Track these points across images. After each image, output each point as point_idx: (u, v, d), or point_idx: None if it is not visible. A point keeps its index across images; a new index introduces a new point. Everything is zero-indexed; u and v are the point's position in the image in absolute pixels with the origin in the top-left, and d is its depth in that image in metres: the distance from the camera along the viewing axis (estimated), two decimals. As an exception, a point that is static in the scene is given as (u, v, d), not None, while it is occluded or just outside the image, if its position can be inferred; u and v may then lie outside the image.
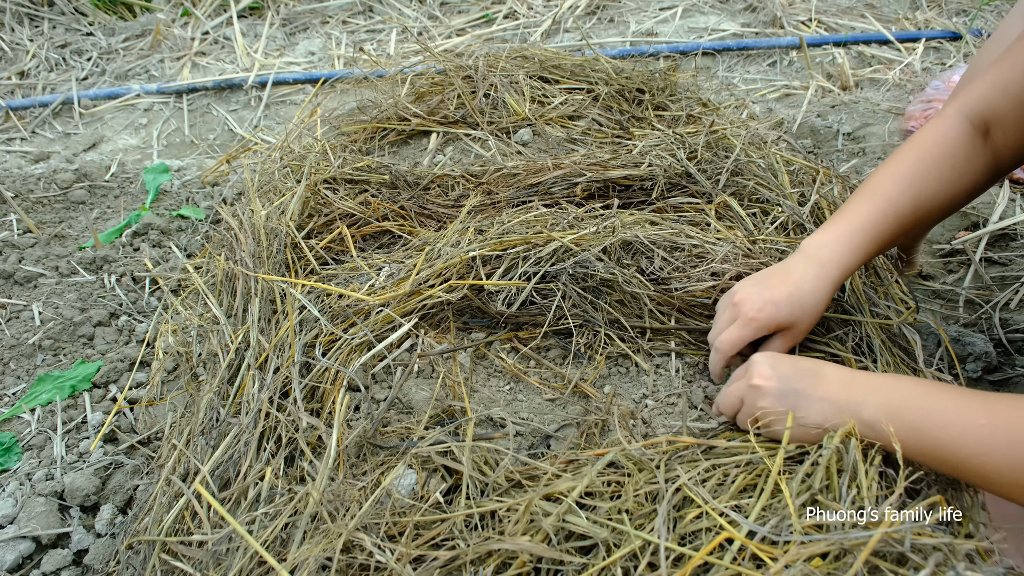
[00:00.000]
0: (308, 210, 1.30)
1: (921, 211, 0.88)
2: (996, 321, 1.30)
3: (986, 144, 0.89)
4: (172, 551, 0.81)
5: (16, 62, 2.46)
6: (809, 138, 1.87)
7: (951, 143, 0.88)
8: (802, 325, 0.87)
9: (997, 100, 0.86)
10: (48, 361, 1.31)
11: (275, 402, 0.92)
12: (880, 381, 0.75)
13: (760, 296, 0.87)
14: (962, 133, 0.88)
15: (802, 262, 0.88)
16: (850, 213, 0.89)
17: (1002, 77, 0.86)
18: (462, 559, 0.69)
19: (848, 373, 0.78)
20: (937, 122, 0.91)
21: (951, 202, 0.90)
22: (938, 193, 0.88)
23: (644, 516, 0.72)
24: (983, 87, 0.88)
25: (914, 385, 0.73)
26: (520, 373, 1.02)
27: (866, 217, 0.87)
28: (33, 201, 1.74)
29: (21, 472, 1.09)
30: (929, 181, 0.87)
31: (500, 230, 1.12)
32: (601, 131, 1.52)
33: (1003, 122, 0.87)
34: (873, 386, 0.74)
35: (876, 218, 0.87)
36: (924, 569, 0.58)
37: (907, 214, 0.87)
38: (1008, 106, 0.86)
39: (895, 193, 0.87)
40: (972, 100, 0.89)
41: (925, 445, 0.69)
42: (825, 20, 2.39)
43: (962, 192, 0.90)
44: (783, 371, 0.79)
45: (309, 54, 2.43)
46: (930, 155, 0.88)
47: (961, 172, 0.88)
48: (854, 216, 0.88)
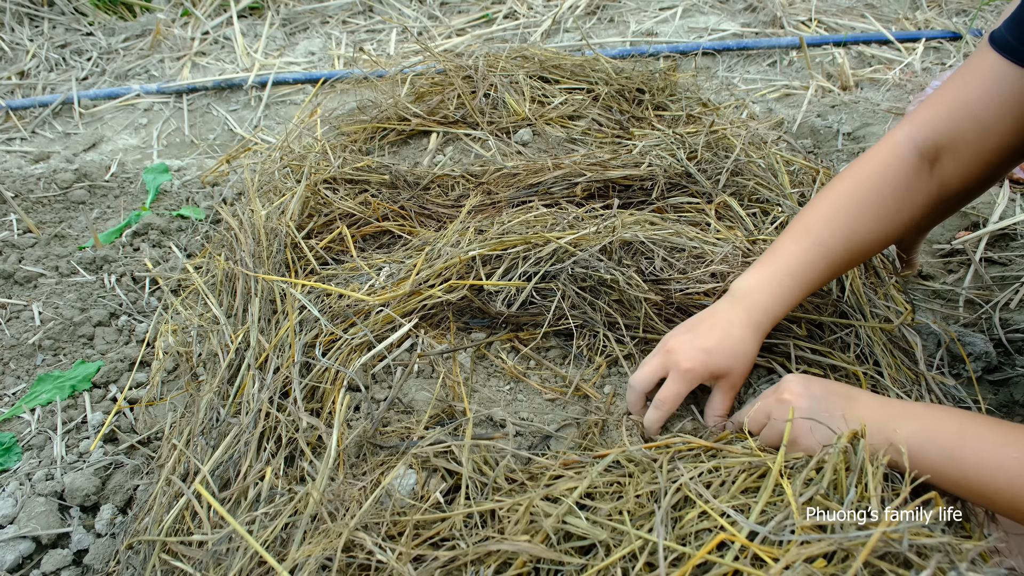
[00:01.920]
0: (308, 210, 1.30)
1: (854, 251, 0.86)
2: (996, 321, 1.30)
3: (932, 174, 0.86)
4: (172, 551, 0.81)
5: (16, 62, 2.46)
6: (809, 138, 1.87)
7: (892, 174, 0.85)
8: (736, 372, 0.85)
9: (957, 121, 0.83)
10: (48, 361, 1.31)
11: (275, 402, 0.92)
12: (913, 408, 0.74)
13: (692, 344, 0.85)
14: (906, 163, 0.85)
15: (729, 308, 0.86)
16: (779, 254, 0.86)
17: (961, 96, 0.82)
18: (462, 559, 0.69)
19: (881, 399, 0.77)
20: (882, 148, 0.87)
21: (886, 238, 0.87)
22: (873, 230, 0.85)
23: (644, 516, 0.72)
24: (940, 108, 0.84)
25: (948, 413, 0.72)
26: (520, 375, 1.02)
27: (794, 260, 0.85)
28: (33, 201, 1.74)
29: (21, 472, 1.09)
30: (863, 220, 0.84)
31: (500, 230, 1.12)
32: (601, 131, 1.52)
33: (959, 146, 0.83)
34: (907, 412, 0.73)
35: (804, 261, 0.84)
36: (925, 570, 0.58)
37: (838, 256, 0.85)
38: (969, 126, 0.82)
39: (827, 236, 0.84)
40: (926, 123, 0.85)
41: (957, 474, 0.68)
42: (825, 20, 2.39)
43: (898, 226, 0.86)
44: (814, 391, 0.77)
45: (309, 54, 2.43)
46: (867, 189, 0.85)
47: (899, 206, 0.85)
48: (783, 259, 0.86)
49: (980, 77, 0.81)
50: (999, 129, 0.81)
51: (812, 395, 0.77)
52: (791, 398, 0.77)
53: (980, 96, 0.81)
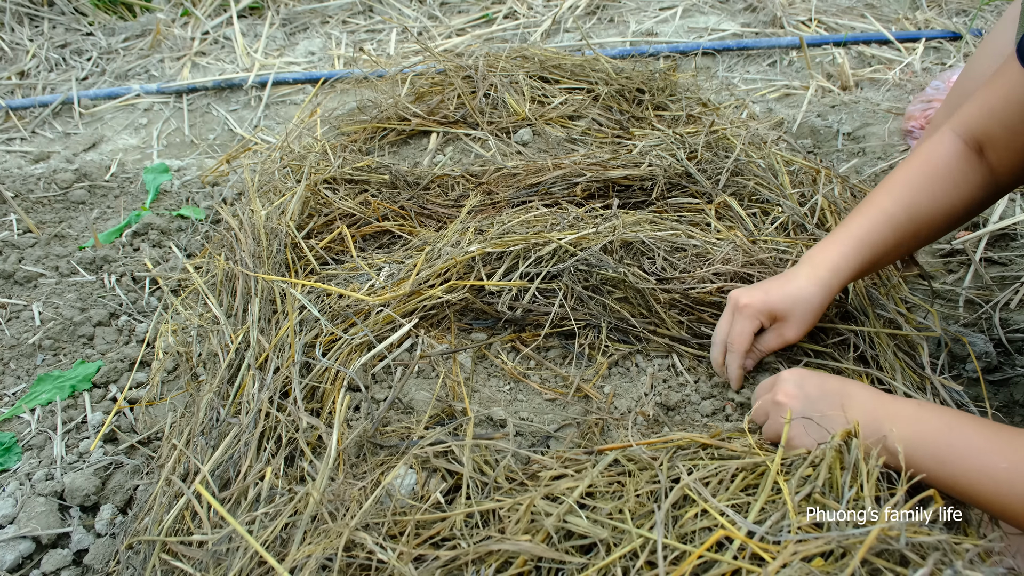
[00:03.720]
0: (308, 210, 1.30)
1: (918, 221, 0.90)
2: (996, 321, 1.31)
3: (981, 160, 0.91)
4: (172, 551, 0.81)
5: (16, 62, 2.46)
6: (809, 138, 1.87)
7: (944, 158, 0.91)
8: (795, 316, 0.89)
9: (986, 123, 0.88)
10: (48, 361, 1.31)
11: (275, 402, 0.92)
12: (906, 410, 0.75)
13: (753, 287, 0.93)
14: (955, 149, 0.91)
15: (797, 268, 0.92)
16: (844, 225, 0.92)
17: (988, 101, 0.89)
18: (463, 559, 0.69)
19: (875, 397, 0.78)
20: (931, 140, 0.93)
21: (949, 214, 0.92)
22: (933, 204, 0.90)
23: (644, 515, 0.72)
24: (973, 109, 0.91)
25: (939, 416, 0.74)
26: (520, 376, 1.02)
27: (860, 227, 0.90)
28: (33, 201, 1.74)
29: (21, 472, 1.09)
30: (922, 193, 0.90)
31: (500, 230, 1.12)
32: (601, 131, 1.52)
33: (994, 144, 0.89)
34: (899, 414, 0.75)
35: (870, 227, 0.90)
36: (923, 568, 0.58)
37: (902, 223, 0.89)
38: (997, 128, 0.87)
39: (888, 204, 0.90)
40: (963, 121, 0.91)
41: (947, 479, 0.70)
42: (825, 20, 2.39)
43: (959, 204, 0.91)
44: (809, 390, 0.80)
45: (309, 54, 2.43)
46: (923, 170, 0.91)
47: (955, 184, 0.90)
48: (848, 227, 0.91)
49: (1005, 86, 0.86)
50: None
51: (807, 396, 0.79)
52: (785, 400, 0.80)
53: (1003, 103, 0.86)
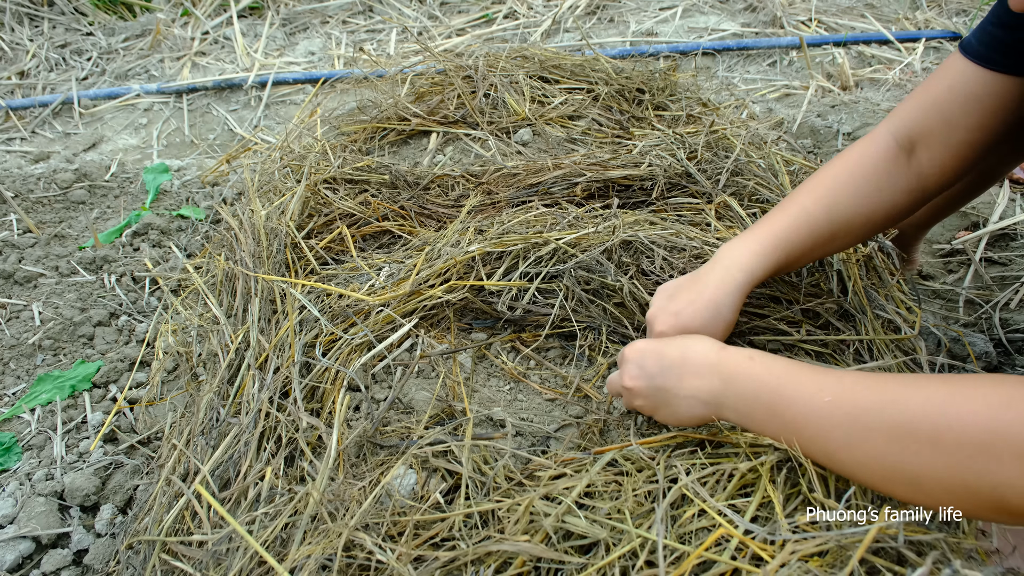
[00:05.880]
0: (308, 210, 1.30)
1: (836, 223, 0.89)
2: (996, 321, 1.31)
3: (910, 163, 0.91)
4: (172, 551, 0.81)
5: (16, 62, 2.46)
6: (809, 138, 1.87)
7: (872, 159, 0.90)
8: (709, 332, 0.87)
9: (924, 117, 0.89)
10: (48, 361, 1.31)
11: (275, 402, 0.92)
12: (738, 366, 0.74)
13: (665, 310, 0.90)
14: (885, 149, 0.90)
15: (709, 270, 0.90)
16: (764, 223, 0.91)
17: (930, 94, 0.89)
18: (462, 559, 0.69)
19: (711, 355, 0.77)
20: (863, 140, 0.93)
21: (868, 218, 0.91)
22: (853, 206, 0.89)
23: (643, 515, 0.72)
24: (910, 105, 0.91)
25: (769, 367, 0.72)
26: (520, 377, 1.02)
27: (777, 225, 0.89)
28: (33, 201, 1.74)
29: (21, 472, 1.09)
30: (843, 195, 0.89)
31: (500, 230, 1.12)
32: (601, 131, 1.52)
33: (929, 140, 0.89)
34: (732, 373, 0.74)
35: (787, 225, 0.89)
36: (921, 567, 0.58)
37: (820, 224, 0.89)
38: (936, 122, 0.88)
39: (808, 203, 0.89)
40: (900, 118, 0.91)
41: (780, 427, 0.69)
42: (825, 20, 2.39)
43: (880, 209, 0.91)
44: (649, 368, 0.80)
45: (309, 54, 2.43)
46: (847, 170, 0.91)
47: (878, 188, 0.89)
48: (765, 224, 0.91)
49: (947, 77, 0.87)
50: (963, 124, 0.87)
51: (648, 375, 0.80)
52: (631, 384, 0.81)
53: (946, 94, 0.87)
